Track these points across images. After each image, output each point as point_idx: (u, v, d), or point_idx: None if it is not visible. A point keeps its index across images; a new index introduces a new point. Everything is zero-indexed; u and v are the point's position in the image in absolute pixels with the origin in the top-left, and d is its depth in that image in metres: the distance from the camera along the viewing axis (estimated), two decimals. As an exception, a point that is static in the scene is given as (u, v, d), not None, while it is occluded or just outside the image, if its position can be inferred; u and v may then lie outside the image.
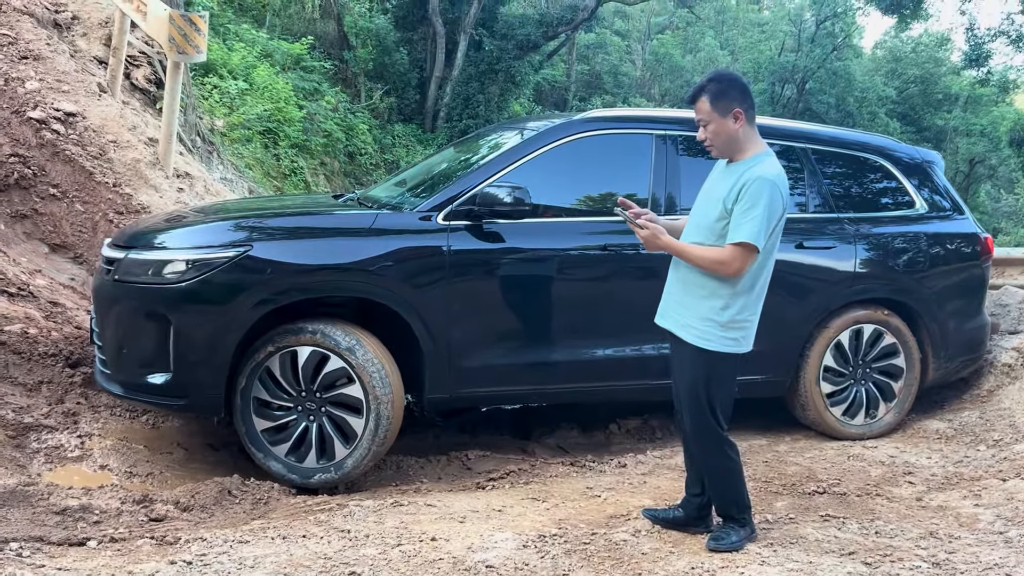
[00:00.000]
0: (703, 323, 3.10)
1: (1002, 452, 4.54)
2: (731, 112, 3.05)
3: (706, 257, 3.06)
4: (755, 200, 2.99)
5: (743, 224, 2.98)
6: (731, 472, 3.24)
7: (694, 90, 3.13)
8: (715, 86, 3.08)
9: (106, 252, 4.06)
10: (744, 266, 3.02)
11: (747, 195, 3.00)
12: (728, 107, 3.06)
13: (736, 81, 3.15)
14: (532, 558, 3.02)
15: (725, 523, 3.27)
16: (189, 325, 3.72)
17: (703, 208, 3.20)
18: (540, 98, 25.36)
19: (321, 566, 2.85)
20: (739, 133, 3.09)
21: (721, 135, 3.09)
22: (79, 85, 6.20)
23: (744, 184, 3.01)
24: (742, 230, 2.98)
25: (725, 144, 3.11)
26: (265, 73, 12.98)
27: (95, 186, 5.57)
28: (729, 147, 3.12)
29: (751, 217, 2.98)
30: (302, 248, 3.90)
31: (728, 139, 3.09)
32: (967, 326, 5.16)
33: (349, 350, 3.80)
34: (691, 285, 3.14)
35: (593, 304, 4.32)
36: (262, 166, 11.73)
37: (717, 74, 3.17)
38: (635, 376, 4.44)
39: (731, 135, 3.09)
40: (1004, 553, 3.21)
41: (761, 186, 3.00)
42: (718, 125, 3.07)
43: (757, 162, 3.09)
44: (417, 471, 4.27)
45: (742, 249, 2.99)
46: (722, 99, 3.06)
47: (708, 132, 3.10)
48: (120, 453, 3.90)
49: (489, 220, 4.07)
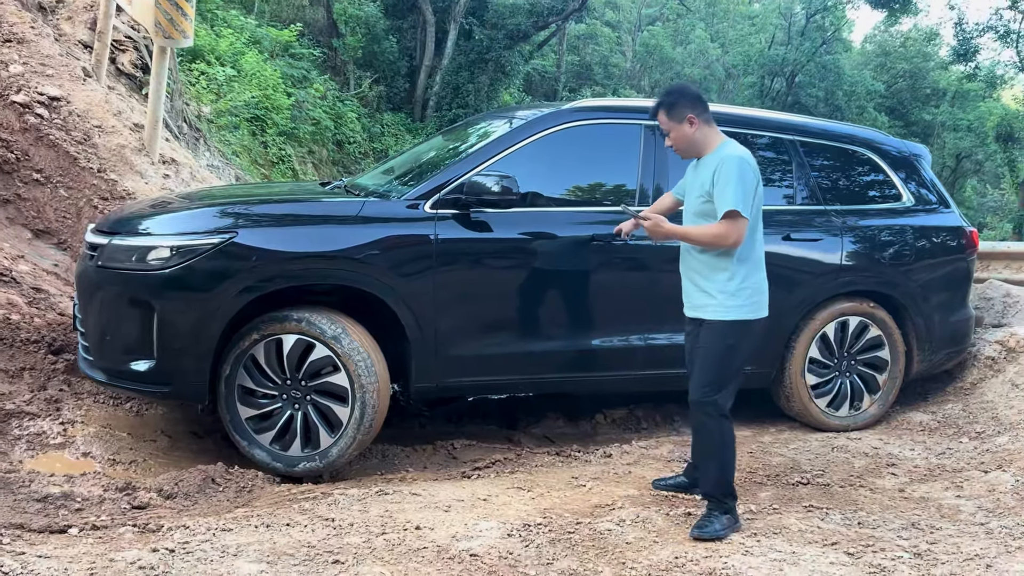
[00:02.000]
0: (718, 296, 3.39)
1: (984, 444, 4.57)
2: (685, 119, 3.41)
3: (707, 233, 3.36)
4: (728, 175, 3.31)
5: (725, 196, 3.29)
6: (724, 448, 3.39)
7: (652, 107, 3.52)
8: (667, 99, 3.47)
9: (90, 238, 4.02)
10: (741, 235, 3.31)
11: (720, 174, 3.33)
12: (681, 115, 3.42)
13: (685, 91, 3.50)
14: (516, 547, 3.02)
15: (709, 510, 3.34)
16: (173, 312, 3.69)
17: (689, 203, 3.54)
18: (530, 88, 25.32)
19: (305, 554, 2.84)
20: (696, 135, 3.44)
21: (682, 140, 3.46)
22: (63, 69, 6.13)
23: (718, 167, 3.35)
24: (726, 200, 3.29)
25: (688, 146, 3.48)
26: (253, 60, 12.88)
27: (79, 171, 5.51)
28: (692, 148, 3.48)
29: (730, 189, 3.30)
30: (288, 235, 3.87)
31: (689, 142, 3.46)
32: (952, 319, 5.19)
33: (335, 338, 3.78)
34: (700, 270, 3.46)
35: (580, 294, 4.31)
36: (249, 153, 11.66)
37: (668, 89, 3.56)
38: (622, 367, 4.45)
39: (689, 138, 3.44)
40: (985, 544, 3.24)
41: (730, 162, 3.33)
42: (677, 131, 3.45)
43: (722, 149, 3.44)
44: (402, 460, 4.26)
45: (732, 219, 3.29)
46: (674, 109, 3.43)
47: (671, 139, 3.50)
48: (103, 440, 3.87)
49: (477, 209, 4.05)
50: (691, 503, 3.66)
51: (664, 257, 4.15)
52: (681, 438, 4.71)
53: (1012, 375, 5.27)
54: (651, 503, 3.60)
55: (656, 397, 5.23)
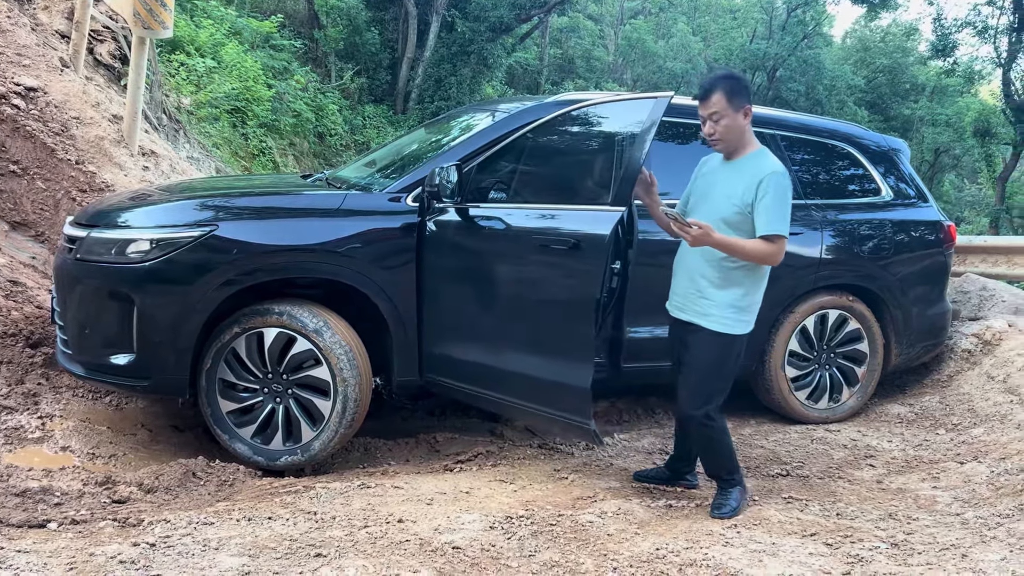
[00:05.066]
0: (726, 310, 3.33)
1: (960, 436, 4.64)
2: (743, 108, 3.26)
3: (758, 251, 3.25)
4: (778, 195, 3.21)
5: (775, 219, 3.21)
6: (721, 440, 3.48)
7: (708, 85, 3.29)
8: (730, 83, 3.27)
9: (68, 230, 3.98)
10: (782, 255, 3.28)
11: (770, 191, 3.20)
12: (741, 103, 3.26)
13: (746, 80, 3.38)
14: (499, 539, 3.03)
15: (721, 489, 3.50)
16: (153, 305, 3.66)
17: (713, 205, 3.36)
18: (512, 81, 25.26)
19: (287, 547, 2.83)
20: (746, 129, 3.31)
21: (732, 130, 3.28)
22: (40, 59, 6.05)
23: (762, 180, 3.21)
24: (775, 223, 3.21)
25: (734, 140, 3.31)
26: (234, 51, 12.77)
27: (57, 163, 5.45)
28: (734, 143, 3.32)
29: (780, 211, 3.21)
30: (269, 228, 3.84)
31: (738, 135, 3.30)
32: (929, 312, 5.25)
33: (316, 332, 3.77)
34: (712, 278, 3.35)
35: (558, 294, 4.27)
36: (230, 145, 11.56)
37: (729, 72, 3.37)
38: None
39: (741, 130, 3.29)
40: (961, 534, 3.28)
41: (780, 181, 3.22)
42: (731, 120, 3.27)
43: (764, 157, 3.31)
44: (385, 453, 4.26)
45: (778, 242, 3.24)
46: (736, 96, 3.25)
47: (720, 127, 3.28)
48: (82, 434, 3.84)
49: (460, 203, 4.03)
50: (672, 495, 3.69)
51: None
52: (663, 430, 4.75)
53: (988, 368, 5.35)
54: (632, 495, 3.62)
55: (638, 390, 5.26)
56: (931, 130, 30.90)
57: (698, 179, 3.54)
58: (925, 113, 30.90)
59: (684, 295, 3.45)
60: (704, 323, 3.36)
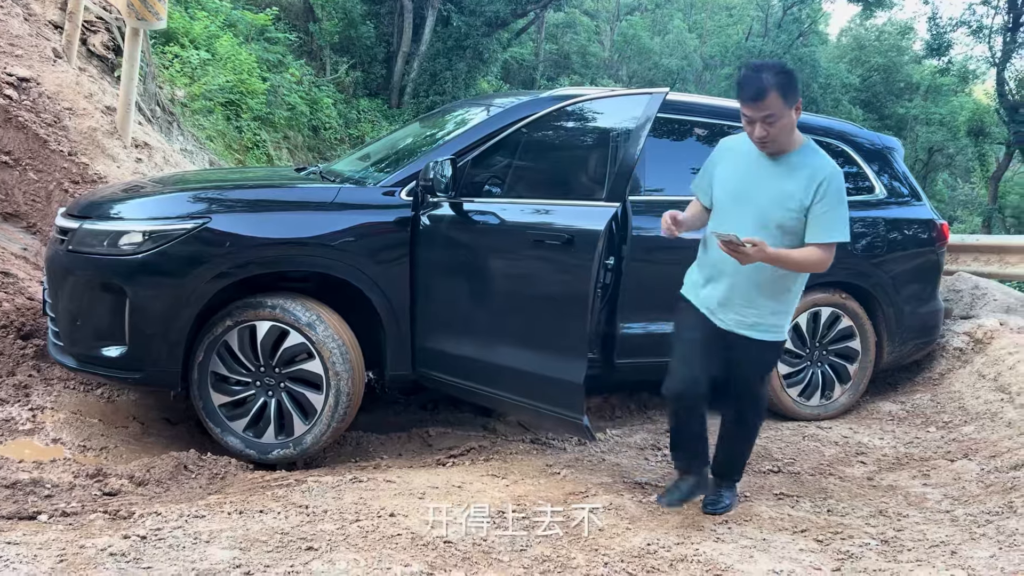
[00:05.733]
0: (775, 318, 3.18)
1: (951, 434, 4.66)
2: (795, 105, 2.98)
3: (811, 260, 3.03)
4: (839, 196, 2.99)
5: (836, 223, 2.99)
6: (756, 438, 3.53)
7: (760, 85, 2.93)
8: (783, 79, 2.94)
9: (60, 222, 3.96)
10: (831, 261, 3.07)
11: (829, 193, 2.97)
12: (794, 99, 2.97)
13: (795, 70, 3.06)
14: (491, 534, 3.03)
15: (723, 488, 3.47)
16: (145, 298, 3.65)
17: (761, 209, 3.06)
18: (508, 76, 25.22)
19: (278, 541, 2.83)
20: (795, 125, 3.03)
21: (786, 129, 2.99)
22: (33, 50, 6.02)
23: (821, 181, 2.98)
24: (837, 229, 2.99)
25: (786, 138, 3.02)
26: (228, 43, 12.71)
27: (49, 154, 5.42)
28: (785, 141, 3.04)
29: (841, 215, 2.99)
30: (262, 221, 3.83)
31: (790, 132, 3.02)
32: (921, 310, 5.26)
33: (309, 325, 3.76)
34: (764, 286, 3.13)
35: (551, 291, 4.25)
36: (224, 138, 11.52)
37: (778, 66, 2.99)
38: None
39: (791, 128, 3.02)
40: (950, 531, 3.30)
41: (840, 182, 3.00)
42: (786, 119, 2.97)
43: (816, 154, 3.06)
44: (377, 447, 4.26)
45: (834, 247, 3.03)
46: (791, 92, 2.96)
47: (775, 129, 2.97)
48: (73, 427, 3.83)
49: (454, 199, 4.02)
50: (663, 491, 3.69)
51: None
52: (655, 426, 4.75)
53: (979, 366, 5.37)
54: (624, 491, 3.63)
55: (630, 386, 5.26)
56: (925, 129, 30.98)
57: (728, 170, 3.18)
58: (919, 112, 30.97)
59: (727, 304, 3.18)
60: (753, 333, 3.18)
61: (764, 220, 3.04)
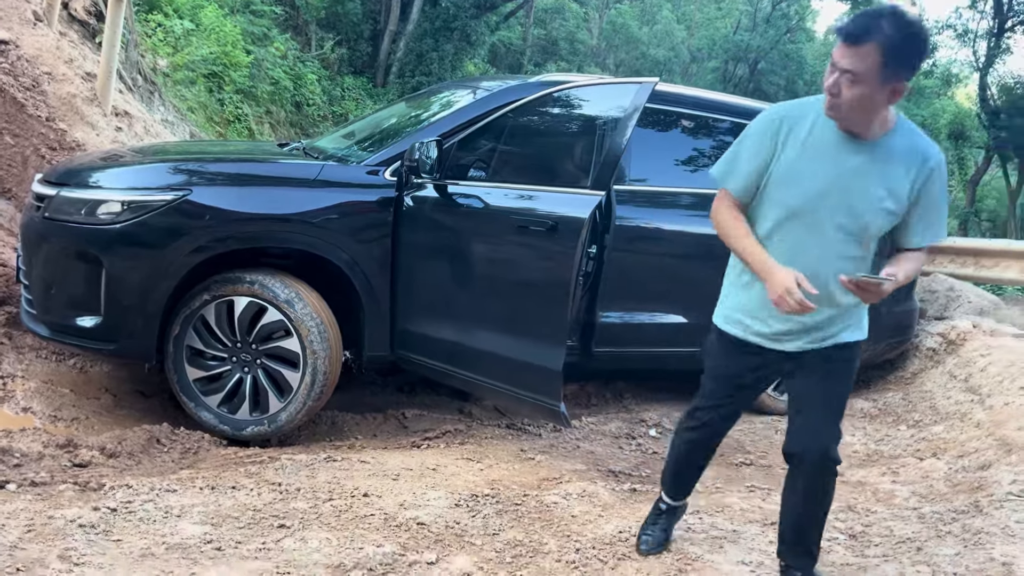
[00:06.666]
0: (861, 312, 2.57)
1: (921, 432, 4.72)
2: (894, 86, 2.18)
3: (918, 270, 2.53)
4: (944, 189, 2.37)
5: (943, 220, 2.39)
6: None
7: (864, 29, 2.13)
8: (900, 41, 2.11)
9: (37, 188, 3.89)
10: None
11: (937, 184, 2.32)
12: (896, 75, 2.16)
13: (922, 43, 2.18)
14: (463, 517, 3.03)
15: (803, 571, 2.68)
16: (122, 268, 3.60)
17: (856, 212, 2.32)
18: (495, 60, 25.11)
19: (250, 517, 2.82)
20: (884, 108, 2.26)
21: (865, 106, 2.22)
22: (12, 11, 5.90)
23: (931, 171, 2.31)
24: (943, 226, 2.40)
25: (861, 115, 2.25)
26: (213, 14, 12.54)
27: (27, 119, 5.33)
28: (863, 118, 2.26)
29: (945, 211, 2.40)
30: (243, 195, 3.78)
31: (870, 113, 2.24)
32: (896, 309, 5.31)
33: (288, 303, 3.73)
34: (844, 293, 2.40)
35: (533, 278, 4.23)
36: (205, 110, 11.38)
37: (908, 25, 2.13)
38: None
39: (874, 110, 2.24)
40: (917, 528, 3.35)
41: (945, 172, 2.38)
42: (872, 95, 2.18)
43: (917, 134, 2.37)
44: (352, 427, 4.24)
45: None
46: (897, 62, 2.14)
47: (849, 94, 2.19)
48: (44, 396, 3.78)
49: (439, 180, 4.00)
50: (636, 479, 3.72)
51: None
52: (630, 415, 4.78)
53: (951, 367, 5.44)
54: (597, 478, 3.64)
55: (607, 375, 5.28)
56: (907, 130, 31.22)
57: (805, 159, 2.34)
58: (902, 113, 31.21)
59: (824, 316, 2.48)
60: (849, 337, 2.53)
61: (858, 231, 2.35)
